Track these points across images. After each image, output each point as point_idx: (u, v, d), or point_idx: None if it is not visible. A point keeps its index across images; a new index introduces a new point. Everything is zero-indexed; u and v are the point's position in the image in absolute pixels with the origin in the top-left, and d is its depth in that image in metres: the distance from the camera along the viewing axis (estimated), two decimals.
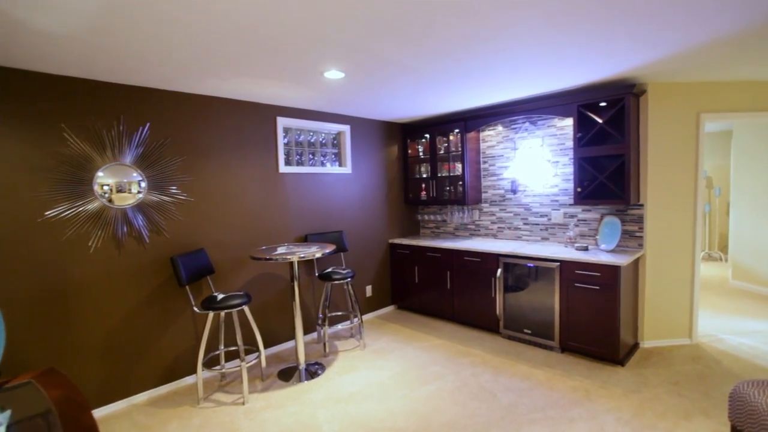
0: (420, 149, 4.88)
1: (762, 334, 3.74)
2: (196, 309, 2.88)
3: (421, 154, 4.87)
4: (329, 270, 3.72)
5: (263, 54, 2.36)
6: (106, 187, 2.76)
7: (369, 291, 4.65)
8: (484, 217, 4.57)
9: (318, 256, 3.03)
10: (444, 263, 4.26)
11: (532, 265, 3.55)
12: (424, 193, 4.86)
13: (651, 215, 3.43)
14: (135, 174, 2.89)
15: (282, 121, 3.76)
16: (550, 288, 3.44)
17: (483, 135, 4.49)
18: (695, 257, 3.47)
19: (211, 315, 2.86)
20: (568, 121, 3.81)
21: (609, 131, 3.33)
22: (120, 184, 2.82)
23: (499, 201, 4.41)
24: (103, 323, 2.80)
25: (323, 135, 4.26)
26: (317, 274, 3.77)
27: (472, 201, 4.40)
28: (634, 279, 3.40)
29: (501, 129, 4.33)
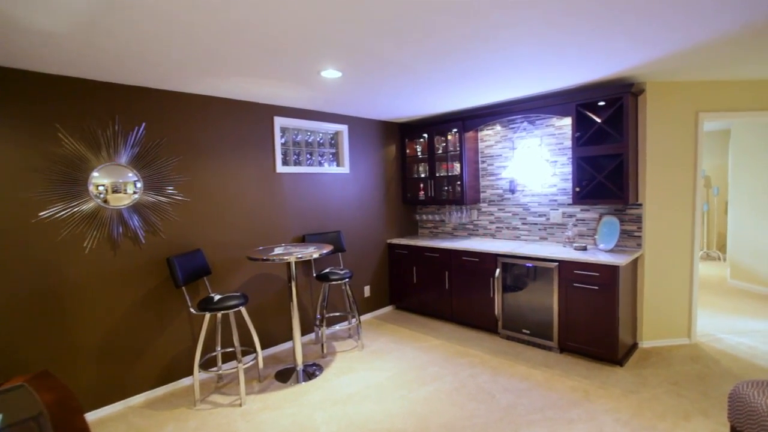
0: (418, 149, 4.87)
1: (760, 333, 3.74)
2: (192, 310, 2.86)
3: (420, 153, 4.85)
4: (327, 270, 3.70)
5: (260, 53, 2.34)
6: (101, 188, 2.74)
7: (367, 291, 4.63)
8: (482, 217, 4.55)
9: (315, 256, 3.02)
10: (442, 263, 4.24)
11: (530, 265, 3.54)
12: (422, 193, 4.84)
13: (649, 215, 3.43)
14: (131, 174, 2.86)
15: (279, 121, 3.74)
16: (548, 288, 3.43)
17: (481, 134, 4.48)
18: (694, 257, 3.46)
19: (208, 316, 2.84)
20: (566, 121, 3.79)
21: (607, 131, 3.32)
22: (115, 184, 2.80)
23: (498, 201, 4.40)
24: (99, 325, 2.77)
25: (321, 135, 4.24)
26: (315, 274, 3.75)
27: (470, 201, 4.39)
28: (632, 279, 3.39)
29: (499, 128, 4.31)
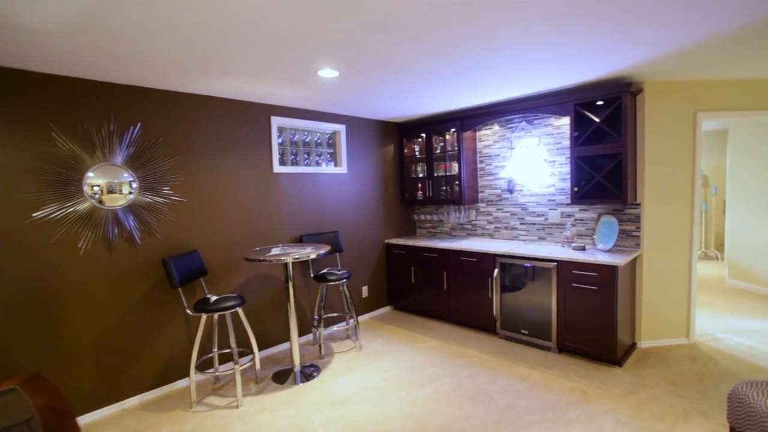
0: (416, 149, 4.85)
1: (759, 333, 3.73)
2: (188, 311, 2.83)
3: (418, 153, 4.83)
4: (324, 271, 3.68)
5: (256, 52, 2.32)
6: (96, 188, 2.71)
7: (365, 292, 4.61)
8: (480, 217, 4.54)
9: (313, 257, 3.00)
10: (440, 263, 4.23)
11: (529, 265, 3.52)
12: (420, 193, 4.83)
13: (648, 214, 3.42)
14: (126, 174, 2.84)
15: (276, 121, 3.71)
16: (547, 288, 3.42)
17: (479, 134, 4.46)
18: (692, 256, 3.45)
19: (204, 317, 2.82)
20: (564, 120, 3.78)
21: (606, 130, 3.31)
22: (111, 184, 2.77)
23: (496, 201, 4.38)
24: (94, 326, 2.75)
25: (318, 134, 4.22)
26: (312, 275, 3.73)
27: (468, 201, 4.38)
28: (631, 279, 3.38)
29: (497, 128, 4.30)
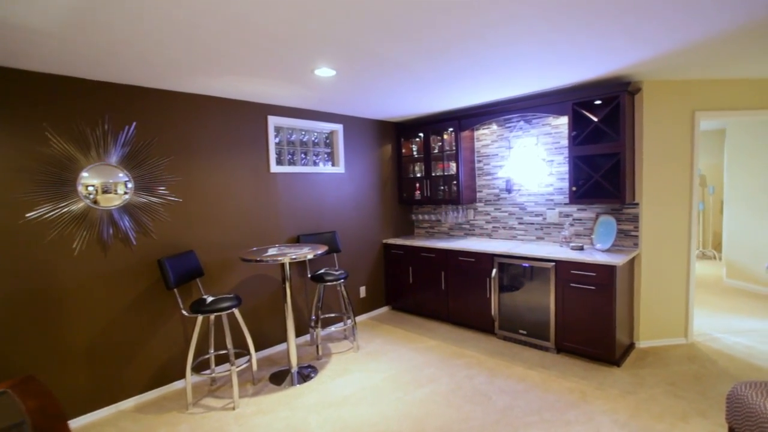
0: (414, 148, 4.83)
1: (757, 332, 3.73)
2: (184, 312, 2.81)
3: (415, 153, 4.82)
4: (322, 271, 3.66)
5: (252, 51, 2.29)
6: (91, 188, 2.69)
7: (363, 292, 4.59)
8: (478, 217, 4.53)
9: (310, 257, 2.98)
10: (438, 263, 4.21)
11: (527, 265, 3.51)
12: (418, 193, 4.81)
13: (646, 214, 3.41)
14: (121, 174, 2.81)
15: (273, 120, 3.69)
16: (545, 288, 3.41)
17: (477, 134, 4.45)
18: (690, 256, 3.45)
19: (200, 318, 2.80)
20: (562, 120, 3.77)
21: (604, 129, 3.30)
22: (106, 184, 2.75)
23: (494, 200, 4.37)
24: (89, 327, 2.72)
25: (315, 134, 4.20)
26: (310, 275, 3.71)
27: (466, 200, 4.36)
28: (629, 278, 3.37)
29: (495, 128, 4.29)
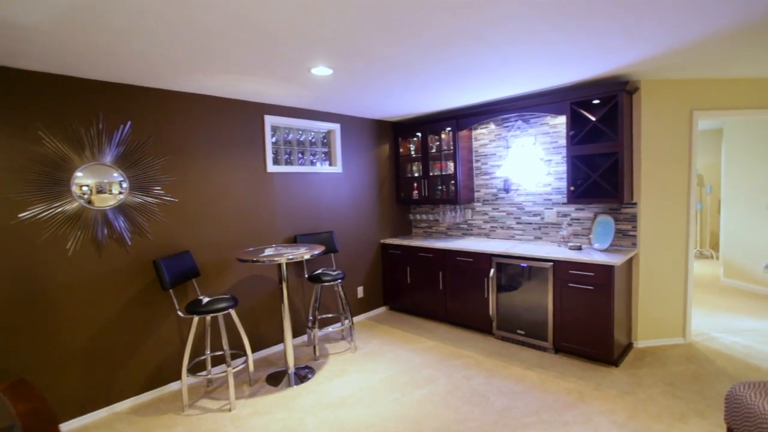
0: (412, 148, 4.81)
1: (754, 332, 3.73)
2: (180, 313, 2.79)
3: (413, 152, 4.80)
4: (319, 271, 3.64)
5: (248, 49, 2.27)
6: (85, 188, 2.66)
7: (360, 292, 4.57)
8: (476, 217, 4.51)
9: (307, 257, 2.96)
10: (436, 263, 4.20)
11: (525, 265, 3.50)
12: (416, 193, 4.79)
13: (644, 214, 3.40)
14: (116, 174, 2.79)
15: (269, 120, 3.67)
16: (543, 288, 3.40)
17: (475, 133, 4.44)
18: (688, 255, 3.44)
19: (196, 319, 2.77)
20: (560, 119, 3.76)
21: (602, 129, 3.29)
22: (100, 184, 2.72)
23: (492, 200, 4.36)
24: (83, 329, 2.69)
25: (312, 134, 4.18)
26: (307, 275, 3.69)
27: (464, 200, 4.35)
28: (627, 278, 3.37)
29: (493, 127, 4.27)
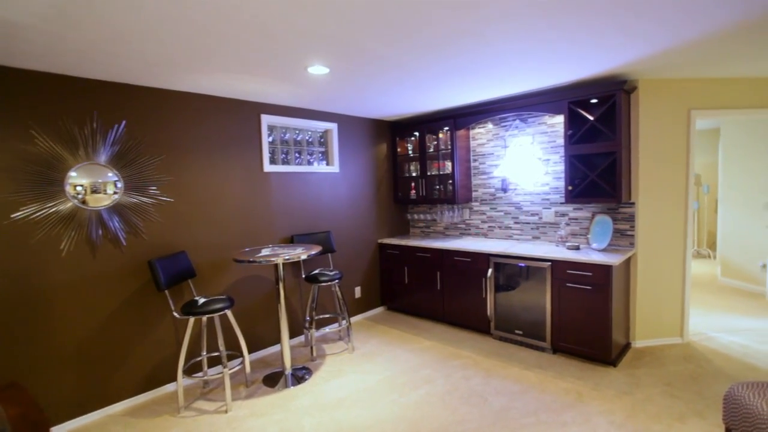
0: (409, 147, 4.80)
1: (752, 331, 3.73)
2: (176, 314, 2.76)
3: (411, 152, 4.78)
4: (316, 272, 3.61)
5: (244, 48, 2.25)
6: (79, 188, 2.63)
7: (358, 292, 4.55)
8: (474, 216, 4.50)
9: (304, 257, 2.94)
10: (434, 263, 4.18)
11: (523, 265, 3.49)
12: (413, 192, 4.78)
13: (642, 213, 3.39)
14: (110, 174, 2.76)
15: (266, 119, 3.64)
16: (541, 288, 3.39)
17: (473, 133, 4.42)
18: (686, 255, 3.44)
19: (192, 320, 2.75)
20: (558, 119, 3.75)
21: (600, 128, 3.28)
22: (94, 184, 2.69)
23: (490, 200, 4.35)
24: (77, 330, 2.66)
25: (309, 133, 4.15)
26: (304, 275, 3.67)
27: (462, 200, 4.33)
28: (625, 278, 3.36)
29: (491, 127, 4.26)
